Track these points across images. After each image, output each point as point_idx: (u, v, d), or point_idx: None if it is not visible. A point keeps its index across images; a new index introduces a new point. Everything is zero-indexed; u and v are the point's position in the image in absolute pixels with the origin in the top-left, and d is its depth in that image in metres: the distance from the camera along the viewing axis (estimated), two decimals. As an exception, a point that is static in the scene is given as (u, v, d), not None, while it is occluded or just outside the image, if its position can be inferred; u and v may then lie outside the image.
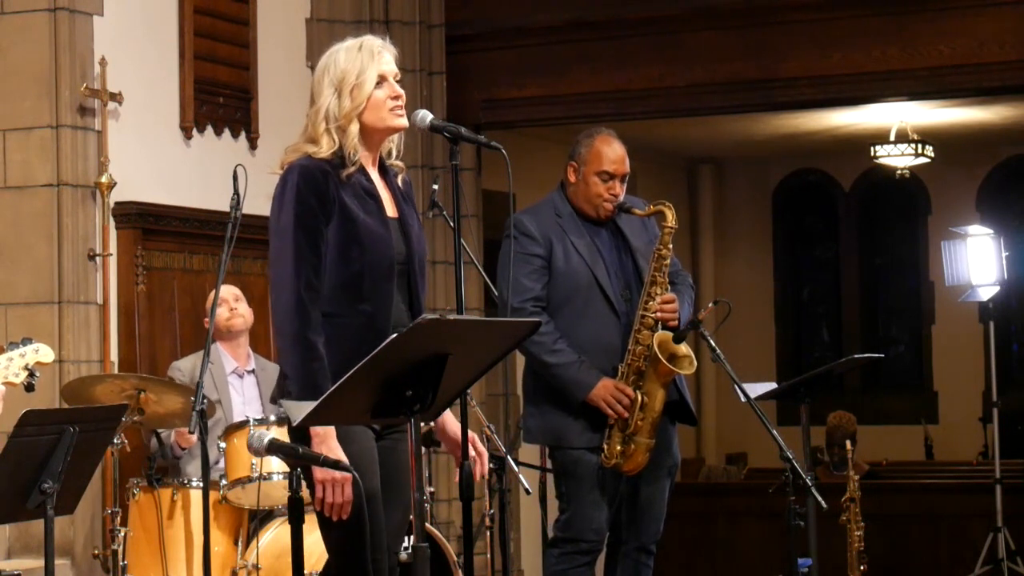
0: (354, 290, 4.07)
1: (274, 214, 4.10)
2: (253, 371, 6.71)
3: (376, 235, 4.10)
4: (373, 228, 4.10)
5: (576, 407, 5.40)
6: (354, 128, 4.11)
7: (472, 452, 4.21)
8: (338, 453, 3.93)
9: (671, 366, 5.33)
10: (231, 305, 6.63)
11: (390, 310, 4.09)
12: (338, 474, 3.91)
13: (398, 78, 4.20)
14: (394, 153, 4.28)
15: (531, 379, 5.52)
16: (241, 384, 6.66)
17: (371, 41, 4.20)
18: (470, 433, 4.23)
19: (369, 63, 4.12)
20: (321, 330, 4.01)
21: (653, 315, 5.36)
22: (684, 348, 5.39)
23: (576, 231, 5.50)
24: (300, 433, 3.99)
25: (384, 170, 4.25)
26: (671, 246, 5.41)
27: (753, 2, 8.64)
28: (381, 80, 4.13)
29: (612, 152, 5.49)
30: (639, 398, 5.33)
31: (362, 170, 4.15)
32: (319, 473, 3.95)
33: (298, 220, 4.04)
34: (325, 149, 4.10)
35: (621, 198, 5.51)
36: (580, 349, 5.39)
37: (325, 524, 4.05)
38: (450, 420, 4.26)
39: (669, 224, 5.41)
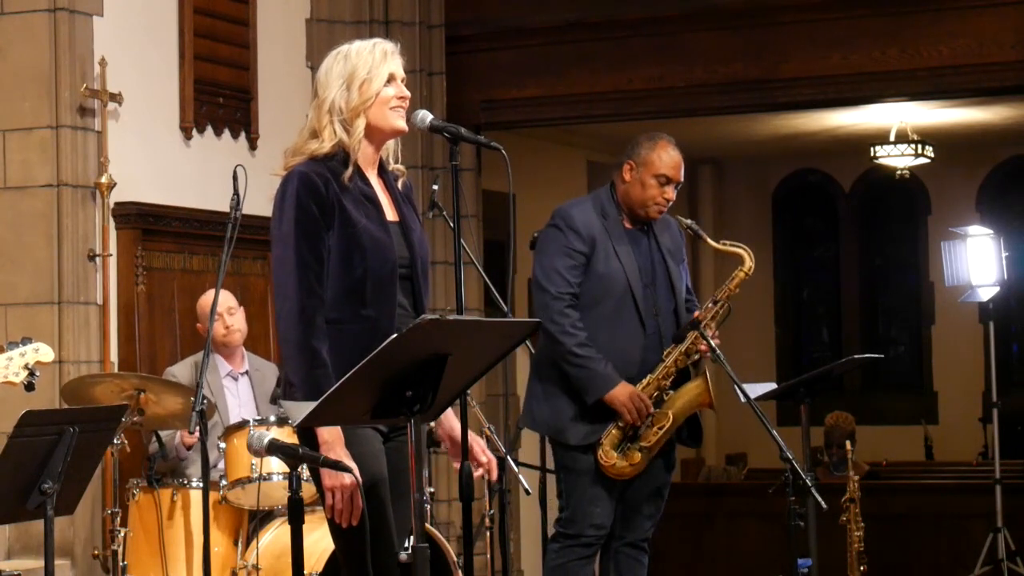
0: (357, 296, 4.05)
1: (275, 221, 4.09)
2: (247, 372, 6.70)
3: (377, 240, 4.08)
4: (374, 233, 4.08)
5: (581, 407, 5.40)
6: (360, 123, 4.11)
7: (483, 458, 4.19)
8: (346, 460, 3.90)
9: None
10: (227, 322, 6.56)
11: (393, 315, 4.08)
12: (347, 480, 3.90)
13: (405, 82, 4.21)
14: (391, 159, 4.27)
15: (547, 369, 5.48)
16: (236, 386, 6.66)
17: (384, 42, 4.22)
18: (479, 440, 4.22)
19: (381, 61, 4.14)
20: (325, 337, 4.00)
21: (698, 347, 5.43)
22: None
23: (619, 236, 5.53)
24: (307, 438, 3.98)
25: (384, 174, 4.25)
26: (737, 291, 5.52)
27: (753, 2, 8.64)
28: (391, 79, 4.15)
29: (671, 158, 5.56)
30: (670, 418, 5.38)
31: (361, 175, 4.14)
32: (328, 480, 3.93)
33: (299, 227, 4.03)
34: (327, 142, 4.10)
35: (671, 203, 5.57)
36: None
37: (335, 528, 4.04)
38: (452, 420, 4.24)
39: (746, 270, 5.57)
